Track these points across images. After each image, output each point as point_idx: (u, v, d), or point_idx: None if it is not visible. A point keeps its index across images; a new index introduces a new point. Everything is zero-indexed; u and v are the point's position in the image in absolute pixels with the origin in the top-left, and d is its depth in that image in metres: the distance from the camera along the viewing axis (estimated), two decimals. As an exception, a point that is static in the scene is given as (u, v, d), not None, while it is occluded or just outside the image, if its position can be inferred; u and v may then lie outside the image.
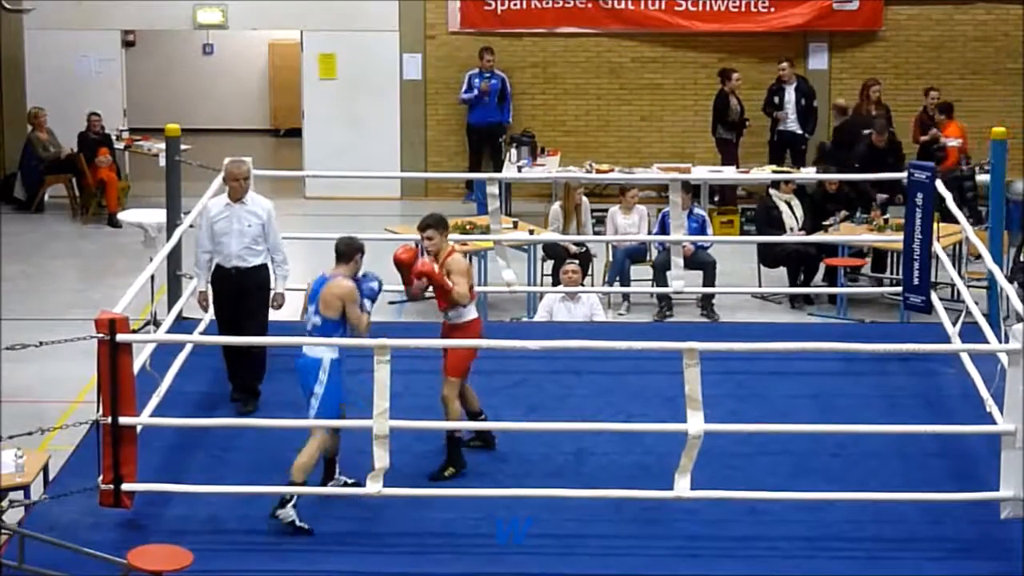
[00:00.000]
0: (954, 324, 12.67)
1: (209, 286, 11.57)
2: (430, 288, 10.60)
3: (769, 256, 16.56)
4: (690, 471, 9.66)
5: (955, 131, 19.06)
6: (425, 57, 20.87)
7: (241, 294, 11.42)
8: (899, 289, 13.72)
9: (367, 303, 10.12)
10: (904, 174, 13.24)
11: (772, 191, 16.91)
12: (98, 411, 9.62)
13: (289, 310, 11.93)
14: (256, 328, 11.43)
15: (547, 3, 20.74)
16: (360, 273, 10.23)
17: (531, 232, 15.97)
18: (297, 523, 9.69)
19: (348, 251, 10.20)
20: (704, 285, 15.64)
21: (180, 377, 11.57)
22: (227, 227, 11.40)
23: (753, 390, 11.80)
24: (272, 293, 11.65)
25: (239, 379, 11.56)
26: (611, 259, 16.50)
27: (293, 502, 9.71)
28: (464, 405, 10.69)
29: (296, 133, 22.49)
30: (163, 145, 15.28)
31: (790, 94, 19.80)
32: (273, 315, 11.80)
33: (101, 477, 9.66)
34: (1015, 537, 9.57)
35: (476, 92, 20.21)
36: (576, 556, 9.57)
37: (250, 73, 25.68)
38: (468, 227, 15.91)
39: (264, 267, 11.52)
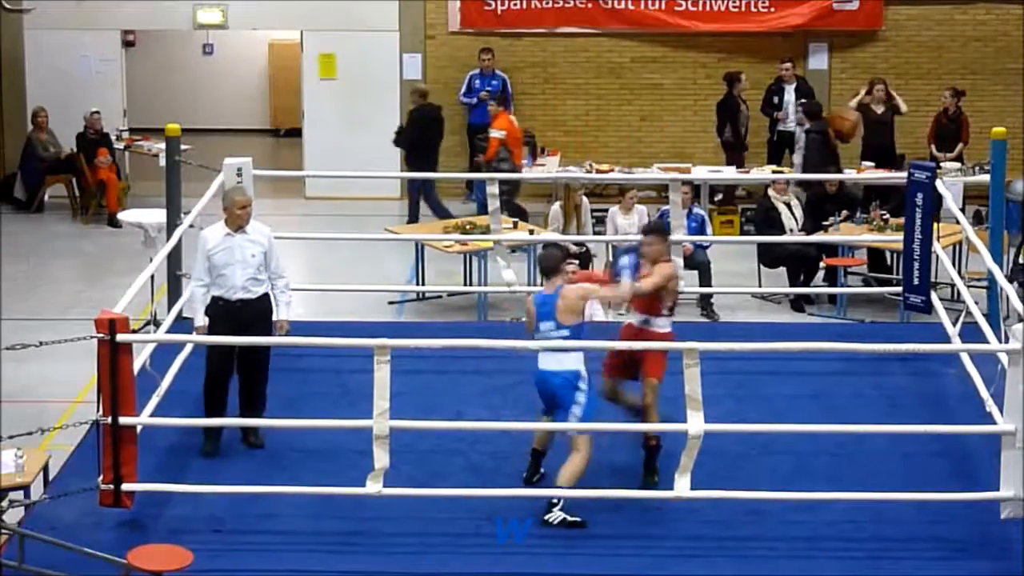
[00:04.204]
0: (954, 324, 12.68)
1: (206, 320, 10.96)
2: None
3: (769, 257, 16.56)
4: (690, 471, 9.67)
5: (503, 123, 18.99)
6: (425, 57, 20.86)
7: (246, 327, 10.79)
8: (899, 289, 13.73)
9: (625, 273, 10.37)
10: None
11: (770, 192, 16.91)
12: (98, 411, 9.62)
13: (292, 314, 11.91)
14: (263, 361, 11.00)
15: (547, 3, 20.73)
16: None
17: (531, 232, 15.96)
18: (569, 519, 9.82)
19: (554, 264, 10.30)
20: (700, 285, 15.63)
21: (180, 377, 11.56)
22: (229, 258, 10.86)
23: (753, 390, 11.81)
24: (276, 321, 11.11)
25: (245, 410, 11.00)
26: (611, 259, 16.50)
27: (560, 506, 9.82)
28: (619, 403, 10.75)
29: (296, 133, 22.48)
30: (163, 145, 15.26)
31: (789, 94, 19.79)
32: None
33: (101, 477, 9.67)
34: (1015, 537, 9.57)
35: (475, 99, 20.21)
36: (576, 556, 9.57)
37: (250, 73, 25.67)
38: (468, 227, 15.90)
39: (267, 296, 11.05)
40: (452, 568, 9.45)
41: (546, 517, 9.83)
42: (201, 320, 10.96)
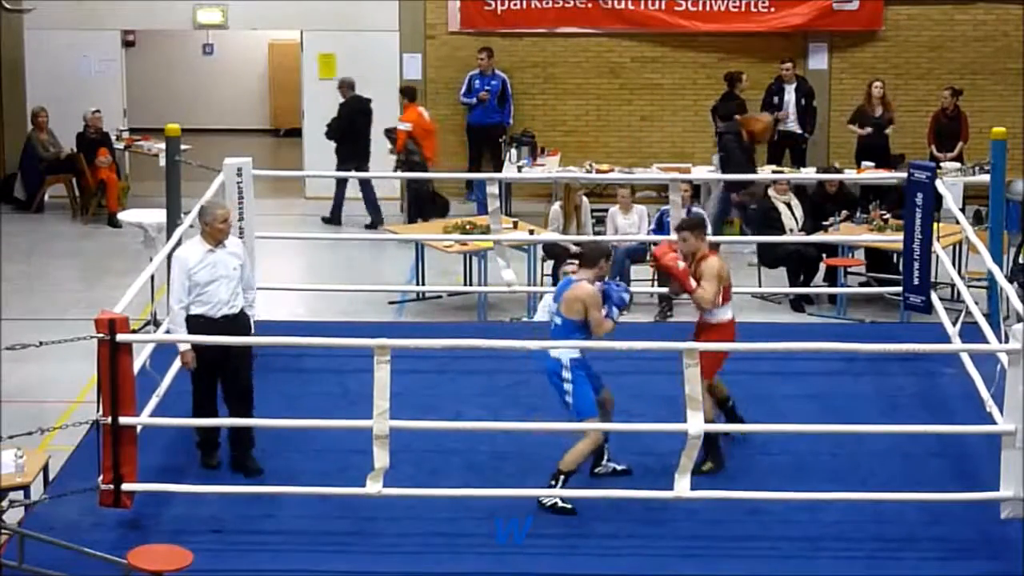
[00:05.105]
0: (954, 324, 12.68)
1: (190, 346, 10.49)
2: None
3: (769, 257, 16.55)
4: (690, 471, 9.67)
5: (411, 116, 19.14)
6: (425, 57, 20.86)
7: (230, 344, 10.46)
8: (899, 289, 13.73)
9: (615, 311, 10.25)
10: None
11: (770, 192, 16.91)
12: (98, 411, 9.62)
13: (285, 310, 11.89)
14: (248, 378, 10.68)
15: (547, 3, 20.73)
16: (609, 280, 10.38)
17: (531, 232, 15.96)
18: (560, 504, 9.94)
19: (592, 255, 10.36)
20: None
21: (180, 377, 11.55)
22: (213, 274, 10.50)
23: (753, 390, 11.80)
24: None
25: (236, 447, 10.67)
26: (611, 259, 16.48)
27: (559, 484, 9.97)
28: (711, 394, 10.72)
29: (296, 133, 22.48)
30: (163, 145, 15.27)
31: (790, 94, 19.78)
32: (270, 315, 11.76)
33: (101, 477, 9.67)
34: (1015, 537, 9.57)
35: (475, 99, 20.22)
36: (576, 556, 9.57)
37: (250, 73, 25.67)
38: (468, 227, 15.90)
39: (244, 310, 10.73)
40: (452, 568, 9.45)
41: (542, 500, 9.97)
42: (186, 345, 10.52)
